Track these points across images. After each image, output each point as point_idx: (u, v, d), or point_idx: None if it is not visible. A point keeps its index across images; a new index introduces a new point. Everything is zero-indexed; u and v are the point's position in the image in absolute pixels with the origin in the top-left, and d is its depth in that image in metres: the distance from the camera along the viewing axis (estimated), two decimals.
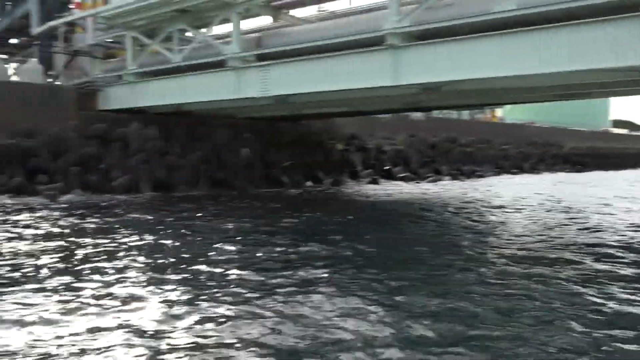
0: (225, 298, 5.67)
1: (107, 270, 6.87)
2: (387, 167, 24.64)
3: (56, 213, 12.37)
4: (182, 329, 4.76)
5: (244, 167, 19.49)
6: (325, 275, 6.66)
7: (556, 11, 8.86)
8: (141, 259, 7.60)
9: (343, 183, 22.16)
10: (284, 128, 22.00)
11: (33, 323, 4.89)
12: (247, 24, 18.40)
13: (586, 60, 8.58)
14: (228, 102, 15.93)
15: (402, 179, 24.34)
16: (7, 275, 6.55)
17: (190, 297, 5.73)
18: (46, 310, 5.22)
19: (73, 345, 4.40)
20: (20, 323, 4.88)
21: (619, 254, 8.25)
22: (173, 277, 6.57)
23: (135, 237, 9.19)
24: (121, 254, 7.88)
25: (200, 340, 4.51)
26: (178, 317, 5.07)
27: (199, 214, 12.50)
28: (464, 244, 9.01)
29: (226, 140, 19.73)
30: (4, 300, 5.56)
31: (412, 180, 24.60)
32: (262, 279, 6.46)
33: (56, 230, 9.94)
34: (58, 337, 4.54)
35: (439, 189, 21.26)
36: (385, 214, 13.75)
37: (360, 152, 24.51)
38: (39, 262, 7.27)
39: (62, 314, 5.14)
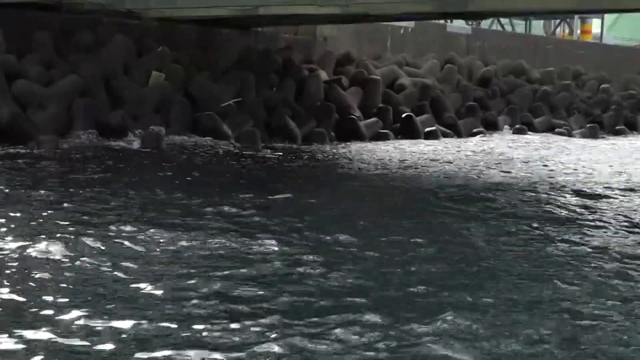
0: None
1: None
2: (406, 115, 24.44)
3: None
4: None
5: (154, 103, 19.47)
6: None
7: None
8: None
9: (324, 140, 21.94)
10: (226, 39, 22.32)
11: None
12: None
13: None
14: None
15: (429, 134, 24.59)
16: None
17: None
18: None
19: None
20: None
21: None
22: None
23: None
24: None
25: None
26: None
27: None
28: None
29: (125, 56, 19.76)
30: None
31: (447, 137, 25.01)
32: None
33: None
34: None
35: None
36: None
37: (359, 86, 24.25)
38: None
39: None
